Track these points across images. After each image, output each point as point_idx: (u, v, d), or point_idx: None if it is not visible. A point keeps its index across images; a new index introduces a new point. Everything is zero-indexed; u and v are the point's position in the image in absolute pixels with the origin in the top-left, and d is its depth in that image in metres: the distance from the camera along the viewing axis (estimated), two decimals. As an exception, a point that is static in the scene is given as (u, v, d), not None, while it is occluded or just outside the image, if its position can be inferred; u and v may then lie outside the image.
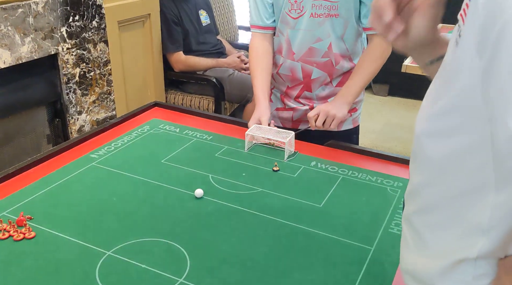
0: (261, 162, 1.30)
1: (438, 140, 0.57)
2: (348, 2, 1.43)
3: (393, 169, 1.29)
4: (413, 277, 0.64)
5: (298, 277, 0.89)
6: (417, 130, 0.61)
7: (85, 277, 0.86)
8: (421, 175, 0.62)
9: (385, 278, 0.89)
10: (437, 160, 0.57)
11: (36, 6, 1.92)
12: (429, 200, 0.60)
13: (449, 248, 0.57)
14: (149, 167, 1.25)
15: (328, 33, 1.47)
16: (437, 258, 0.59)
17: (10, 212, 1.04)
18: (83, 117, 2.33)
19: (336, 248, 0.97)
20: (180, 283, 0.86)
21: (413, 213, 0.64)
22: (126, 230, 1.00)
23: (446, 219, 0.58)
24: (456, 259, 0.56)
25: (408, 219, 0.65)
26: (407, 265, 0.66)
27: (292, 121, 1.65)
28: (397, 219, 1.07)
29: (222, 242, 0.98)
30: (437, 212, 0.59)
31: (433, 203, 0.60)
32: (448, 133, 0.55)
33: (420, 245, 0.62)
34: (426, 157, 0.59)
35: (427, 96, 0.62)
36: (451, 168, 0.56)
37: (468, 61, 0.50)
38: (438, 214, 0.59)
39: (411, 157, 0.66)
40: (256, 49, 1.57)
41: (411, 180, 0.66)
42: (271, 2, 1.52)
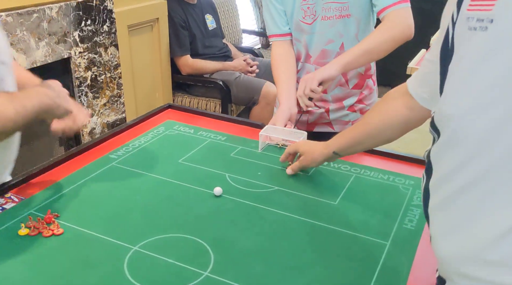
0: (276, 162, 1.34)
1: (478, 116, 0.63)
2: (359, 0, 1.46)
3: (403, 168, 1.32)
4: (460, 257, 0.69)
5: (319, 270, 0.93)
6: (449, 113, 0.67)
7: (114, 271, 0.90)
8: (457, 156, 0.67)
9: (401, 271, 0.92)
10: (478, 134, 0.63)
11: (50, 11, 1.96)
12: (472, 175, 0.66)
13: (504, 213, 0.62)
14: (168, 167, 1.29)
15: (340, 33, 1.51)
16: (489, 229, 0.64)
17: (37, 210, 1.07)
18: (94, 120, 2.37)
19: (354, 243, 1.01)
20: (205, 276, 0.90)
21: (449, 198, 0.69)
22: (150, 227, 1.03)
23: (496, 187, 0.63)
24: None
25: (440, 208, 0.71)
26: (448, 251, 0.71)
27: (307, 124, 1.68)
28: (410, 215, 1.10)
29: (243, 238, 1.01)
30: (484, 183, 0.64)
31: (478, 176, 0.65)
32: (487, 107, 0.62)
33: (465, 224, 0.67)
34: (464, 137, 0.65)
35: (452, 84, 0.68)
36: (494, 138, 0.62)
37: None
38: (485, 185, 0.64)
39: (434, 149, 0.72)
40: (276, 55, 1.60)
41: (437, 170, 0.71)
42: (284, 9, 1.56)
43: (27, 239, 0.98)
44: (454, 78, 0.69)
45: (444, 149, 0.70)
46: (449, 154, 0.69)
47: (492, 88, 0.62)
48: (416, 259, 0.96)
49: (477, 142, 0.65)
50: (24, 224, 1.01)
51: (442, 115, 0.70)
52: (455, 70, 0.69)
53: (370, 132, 1.11)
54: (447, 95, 0.70)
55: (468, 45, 0.66)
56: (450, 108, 0.68)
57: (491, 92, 0.62)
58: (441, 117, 0.71)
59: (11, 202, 1.10)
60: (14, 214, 1.05)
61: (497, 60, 0.61)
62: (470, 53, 0.66)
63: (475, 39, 0.64)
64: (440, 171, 0.73)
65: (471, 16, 0.65)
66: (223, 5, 3.72)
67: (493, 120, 0.62)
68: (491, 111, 0.62)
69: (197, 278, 0.89)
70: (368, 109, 1.57)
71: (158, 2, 2.69)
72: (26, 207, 1.08)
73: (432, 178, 0.75)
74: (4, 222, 1.03)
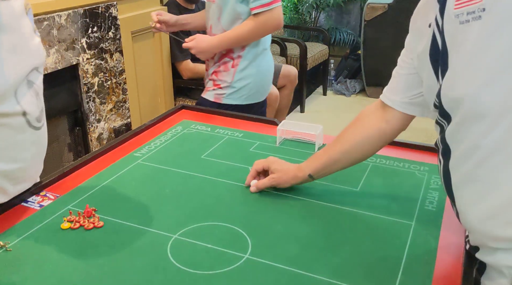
0: (294, 154, 1.39)
1: (491, 89, 0.71)
2: None
3: (417, 156, 1.39)
4: (492, 221, 0.77)
5: (350, 250, 0.98)
6: (460, 95, 0.76)
7: (158, 257, 0.95)
8: (475, 131, 0.75)
9: (430, 247, 0.98)
10: (494, 104, 0.71)
11: (60, 18, 2.00)
12: (492, 145, 0.74)
13: None
14: (192, 162, 1.34)
15: (209, 16, 1.89)
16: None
17: (75, 205, 1.12)
18: (102, 125, 2.41)
19: (380, 225, 1.07)
20: (246, 258, 0.95)
21: (472, 171, 0.78)
22: (186, 217, 1.08)
23: None
24: None
25: (465, 182, 0.79)
26: (479, 218, 0.79)
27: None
28: (430, 197, 1.17)
29: (275, 223, 1.07)
30: (505, 149, 0.73)
31: (500, 143, 0.73)
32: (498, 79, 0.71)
33: (492, 189, 0.76)
34: (480, 111, 0.73)
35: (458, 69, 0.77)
36: (509, 104, 0.70)
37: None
38: (507, 150, 0.73)
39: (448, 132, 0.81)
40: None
41: (455, 150, 0.81)
42: None
43: (70, 232, 1.02)
44: (457, 65, 0.77)
45: (459, 128, 0.78)
46: (466, 131, 0.77)
47: (499, 61, 0.70)
48: (441, 235, 1.02)
49: (495, 111, 0.72)
50: (65, 218, 1.05)
51: (451, 99, 0.79)
52: (456, 59, 0.78)
53: (346, 150, 1.12)
54: (453, 81, 0.78)
55: (464, 35, 0.75)
56: (460, 90, 0.76)
57: (498, 65, 0.71)
58: (450, 101, 0.79)
59: (47, 200, 1.14)
60: (53, 210, 1.10)
61: (497, 37, 0.70)
62: (469, 40, 0.74)
63: (470, 28, 0.73)
64: (459, 149, 0.80)
65: (460, 12, 0.74)
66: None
67: (505, 88, 0.70)
68: (503, 81, 0.70)
69: (239, 261, 0.94)
70: (218, 83, 1.91)
71: (159, 8, 2.74)
72: (63, 203, 1.12)
73: (452, 159, 0.83)
74: (45, 217, 1.07)
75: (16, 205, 1.12)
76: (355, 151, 1.12)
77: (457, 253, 0.95)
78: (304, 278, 0.90)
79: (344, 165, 1.16)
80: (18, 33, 0.98)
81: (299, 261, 0.94)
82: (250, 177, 1.22)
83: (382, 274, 0.91)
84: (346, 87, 4.41)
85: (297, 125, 1.48)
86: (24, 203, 1.13)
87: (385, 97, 1.08)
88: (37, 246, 0.98)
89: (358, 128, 1.12)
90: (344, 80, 4.50)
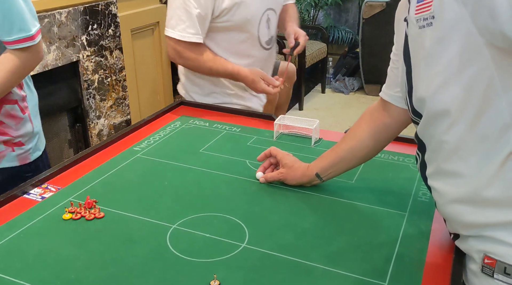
0: (290, 148, 1.42)
1: (444, 91, 0.77)
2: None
3: (409, 149, 1.41)
4: (464, 203, 0.81)
5: (345, 239, 1.01)
6: (421, 97, 0.82)
7: (158, 246, 0.97)
8: (438, 128, 0.81)
9: (422, 236, 1.01)
10: (449, 105, 0.77)
11: (60, 16, 2.03)
12: (456, 139, 0.79)
13: (489, 156, 0.76)
14: (190, 156, 1.36)
15: None
16: (481, 172, 0.77)
17: (76, 197, 1.14)
18: (102, 122, 2.43)
19: (374, 215, 1.09)
20: (243, 247, 0.97)
21: (441, 163, 0.84)
22: (184, 208, 1.11)
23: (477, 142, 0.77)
24: (499, 161, 0.74)
25: (436, 173, 0.86)
26: (449, 207, 0.83)
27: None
28: (423, 189, 1.19)
29: (271, 214, 1.09)
30: (466, 144, 0.78)
31: (462, 138, 0.78)
32: (450, 82, 0.76)
33: (458, 179, 0.81)
34: (438, 111, 0.79)
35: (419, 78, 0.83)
36: (466, 103, 0.75)
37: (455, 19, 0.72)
38: (469, 145, 0.78)
39: (419, 129, 0.87)
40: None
41: (428, 144, 0.87)
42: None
43: (72, 222, 1.05)
44: (417, 68, 0.83)
45: (428, 125, 0.84)
46: (433, 128, 0.82)
47: (449, 66, 0.75)
48: (433, 226, 1.04)
49: (453, 110, 0.77)
50: (67, 209, 1.07)
51: (417, 99, 0.84)
52: (416, 62, 0.84)
53: (352, 147, 1.13)
54: (416, 82, 0.84)
55: (421, 40, 0.80)
56: (421, 92, 0.82)
57: (449, 69, 0.76)
58: (417, 101, 0.85)
59: (49, 192, 1.16)
60: (54, 202, 1.12)
61: (445, 44, 0.75)
62: (425, 45, 0.79)
63: (425, 34, 0.79)
64: (430, 144, 0.86)
65: (418, 18, 0.80)
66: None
67: (458, 90, 0.75)
68: (456, 83, 0.75)
69: (237, 249, 0.96)
70: (17, 141, 1.36)
71: (158, 6, 2.77)
72: (65, 195, 1.15)
73: (427, 152, 0.89)
74: (47, 209, 1.09)
75: (18, 197, 1.14)
76: (362, 148, 1.14)
77: (448, 242, 0.98)
78: (300, 265, 0.92)
79: (352, 164, 1.16)
80: None
81: (295, 250, 0.97)
82: (263, 155, 1.27)
83: (376, 262, 0.93)
84: (345, 85, 4.43)
85: (293, 119, 1.50)
86: (26, 195, 1.15)
87: (383, 93, 1.11)
88: (39, 236, 1.00)
89: (364, 126, 1.14)
90: (343, 78, 4.52)
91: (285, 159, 1.21)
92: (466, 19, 0.70)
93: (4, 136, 1.33)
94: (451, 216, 0.86)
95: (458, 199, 0.82)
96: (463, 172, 0.80)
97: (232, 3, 1.68)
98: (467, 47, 0.72)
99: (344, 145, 1.15)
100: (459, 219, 0.84)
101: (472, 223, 0.81)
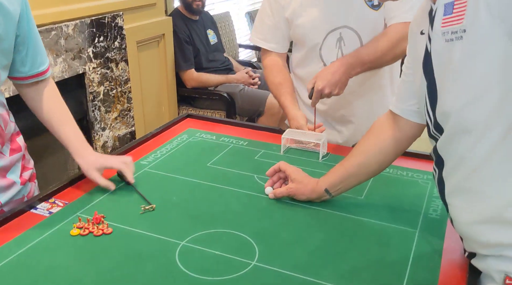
0: (298, 163, 1.41)
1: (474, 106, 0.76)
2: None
3: (419, 165, 1.40)
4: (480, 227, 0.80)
5: (356, 257, 0.99)
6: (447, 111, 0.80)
7: (167, 262, 0.96)
8: (463, 144, 0.80)
9: (434, 255, 1.00)
10: (477, 121, 0.76)
11: (67, 28, 2.03)
12: (480, 156, 0.78)
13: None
14: (198, 170, 1.36)
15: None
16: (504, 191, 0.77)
17: (83, 212, 1.13)
18: (107, 133, 2.43)
19: (384, 232, 1.08)
20: (254, 265, 0.96)
21: (462, 180, 0.82)
22: (193, 224, 1.10)
23: (503, 160, 0.76)
24: None
25: (456, 191, 0.84)
26: (469, 225, 0.82)
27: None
28: (433, 205, 1.18)
29: (281, 230, 1.08)
30: (491, 161, 0.77)
31: (485, 156, 0.77)
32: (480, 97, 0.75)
33: (481, 198, 0.79)
34: (465, 126, 0.78)
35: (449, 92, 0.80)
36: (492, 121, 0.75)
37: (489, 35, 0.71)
38: (492, 162, 0.76)
39: (440, 143, 0.86)
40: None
41: (447, 160, 0.85)
42: None
43: (80, 238, 1.04)
44: (443, 82, 0.81)
45: (450, 141, 0.82)
46: (455, 144, 0.81)
47: (480, 82, 0.74)
48: (445, 244, 1.03)
49: (479, 127, 0.76)
50: (75, 225, 1.06)
51: (441, 113, 0.83)
52: (441, 76, 0.82)
53: (362, 162, 1.12)
54: (443, 96, 0.82)
55: (449, 53, 0.78)
56: (446, 107, 0.80)
57: (480, 85, 0.74)
58: (441, 115, 0.83)
59: (56, 206, 1.16)
60: (62, 217, 1.11)
61: (477, 60, 0.73)
62: (454, 59, 0.77)
63: (454, 47, 0.77)
64: (451, 160, 0.84)
65: (446, 31, 0.78)
66: (220, 21, 3.82)
67: (488, 107, 0.74)
68: (485, 100, 0.74)
69: (246, 267, 0.95)
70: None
71: (164, 18, 2.78)
72: (72, 210, 1.14)
73: (445, 168, 0.87)
74: (55, 224, 1.08)
75: (25, 212, 1.14)
76: (371, 163, 1.12)
77: (461, 260, 0.97)
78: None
79: (361, 178, 1.15)
80: None
81: (306, 268, 0.96)
82: (272, 170, 1.24)
83: (388, 281, 0.92)
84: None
85: (301, 133, 1.49)
86: (34, 210, 1.15)
87: (393, 106, 1.09)
88: (47, 252, 0.99)
89: (372, 140, 1.13)
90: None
91: (294, 174, 1.20)
92: (503, 36, 0.69)
93: (29, 170, 1.27)
94: (469, 235, 0.85)
95: (478, 218, 0.80)
96: (484, 191, 0.79)
97: None
98: (502, 65, 0.71)
99: (353, 160, 1.14)
100: (478, 238, 0.82)
101: (493, 243, 0.80)
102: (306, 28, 1.58)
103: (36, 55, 1.18)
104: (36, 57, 1.18)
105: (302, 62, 1.67)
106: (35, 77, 1.20)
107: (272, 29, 1.65)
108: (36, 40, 1.18)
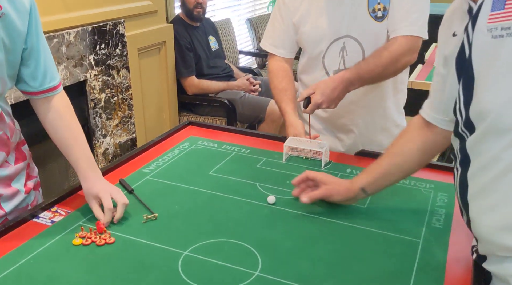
0: (300, 171, 1.40)
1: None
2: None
3: (421, 173, 1.39)
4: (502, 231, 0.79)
5: (360, 267, 0.99)
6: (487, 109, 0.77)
7: (170, 272, 0.96)
8: (497, 144, 0.78)
9: (438, 263, 0.99)
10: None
11: (69, 36, 2.04)
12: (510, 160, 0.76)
13: None
14: (200, 178, 1.35)
15: None
16: None
17: (85, 222, 1.13)
18: (108, 140, 2.43)
19: (388, 242, 1.07)
20: (257, 275, 0.96)
21: (490, 182, 0.80)
22: (195, 233, 1.09)
23: None
24: None
25: (481, 192, 0.82)
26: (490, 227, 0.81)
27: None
28: (436, 215, 1.18)
29: (284, 240, 1.08)
30: None
31: None
32: None
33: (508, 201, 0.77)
34: (504, 126, 0.76)
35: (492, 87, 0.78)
36: None
37: None
38: None
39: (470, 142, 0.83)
40: None
41: (475, 160, 0.83)
42: None
43: (82, 248, 1.03)
44: (484, 79, 0.79)
45: (482, 140, 0.80)
46: (488, 144, 0.79)
47: None
48: (449, 252, 1.03)
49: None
50: (77, 234, 1.06)
51: (477, 111, 0.80)
52: (483, 73, 0.79)
53: (397, 161, 1.13)
54: (481, 94, 0.79)
55: (495, 50, 0.76)
56: (486, 104, 0.78)
57: None
58: (476, 113, 0.81)
59: (58, 215, 1.15)
60: (64, 226, 1.11)
61: None
62: (501, 55, 0.75)
63: (503, 43, 0.75)
64: (479, 160, 0.82)
65: (494, 27, 0.75)
66: (221, 27, 3.83)
67: None
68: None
69: (250, 277, 0.95)
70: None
71: (165, 26, 2.78)
72: (74, 219, 1.14)
73: (471, 169, 0.84)
74: (57, 233, 1.08)
75: (27, 221, 1.13)
76: (405, 163, 1.13)
77: (465, 270, 0.96)
78: (315, 295, 0.91)
79: (396, 178, 1.17)
80: None
81: (310, 278, 0.95)
82: (299, 179, 1.22)
83: (391, 291, 0.92)
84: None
85: (303, 141, 1.49)
86: (36, 219, 1.14)
87: (428, 115, 1.08)
88: (50, 261, 0.99)
89: (407, 140, 1.13)
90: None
91: (326, 177, 1.21)
92: None
93: (33, 179, 1.28)
94: (490, 238, 0.83)
95: (503, 222, 0.79)
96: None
97: None
98: None
99: (389, 159, 1.15)
100: (500, 241, 0.81)
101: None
102: (311, 36, 1.59)
103: (46, 70, 1.18)
104: (46, 72, 1.18)
105: (307, 69, 1.68)
106: (46, 92, 1.20)
107: (281, 34, 1.66)
108: (46, 55, 1.18)
